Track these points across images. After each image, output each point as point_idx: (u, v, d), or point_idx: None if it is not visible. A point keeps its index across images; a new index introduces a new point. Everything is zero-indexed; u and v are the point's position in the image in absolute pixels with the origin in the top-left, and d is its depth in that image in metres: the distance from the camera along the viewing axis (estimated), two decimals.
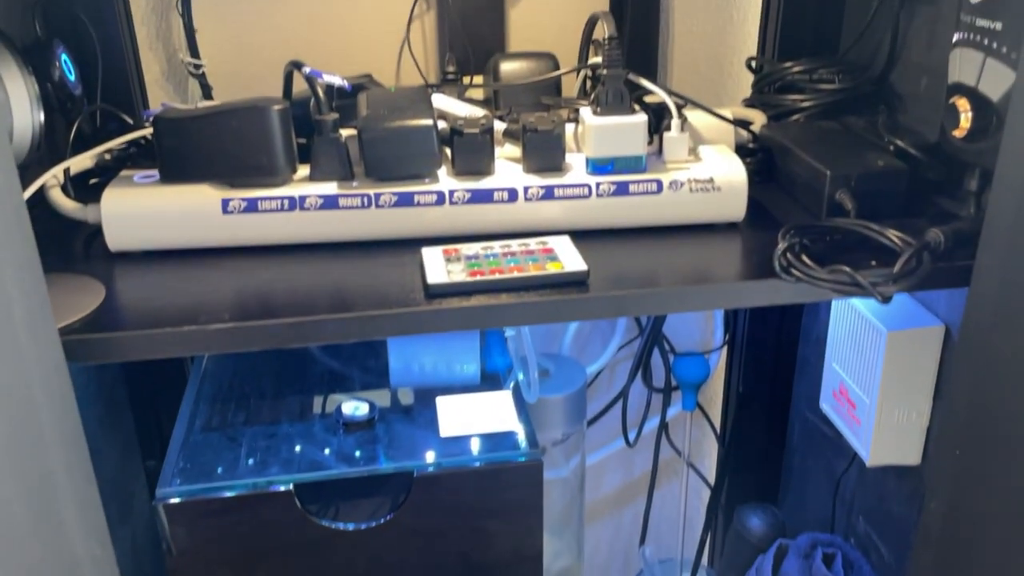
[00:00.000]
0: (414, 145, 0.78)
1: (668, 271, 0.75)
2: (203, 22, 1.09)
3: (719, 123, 0.91)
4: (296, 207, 0.78)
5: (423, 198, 0.79)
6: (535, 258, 0.74)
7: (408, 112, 0.79)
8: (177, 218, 0.77)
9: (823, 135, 0.91)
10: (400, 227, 0.79)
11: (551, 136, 0.80)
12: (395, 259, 0.78)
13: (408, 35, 1.13)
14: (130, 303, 0.71)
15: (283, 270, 0.76)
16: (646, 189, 0.80)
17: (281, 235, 0.79)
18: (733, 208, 0.81)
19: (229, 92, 1.12)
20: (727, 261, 0.77)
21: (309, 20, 1.12)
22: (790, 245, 0.72)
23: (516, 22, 1.16)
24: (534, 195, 0.80)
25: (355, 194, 0.78)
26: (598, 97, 0.81)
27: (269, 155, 0.78)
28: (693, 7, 1.19)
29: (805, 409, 1.24)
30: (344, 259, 0.78)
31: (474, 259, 0.74)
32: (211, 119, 0.77)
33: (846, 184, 0.81)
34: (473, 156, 0.80)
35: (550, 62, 0.94)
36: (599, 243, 0.79)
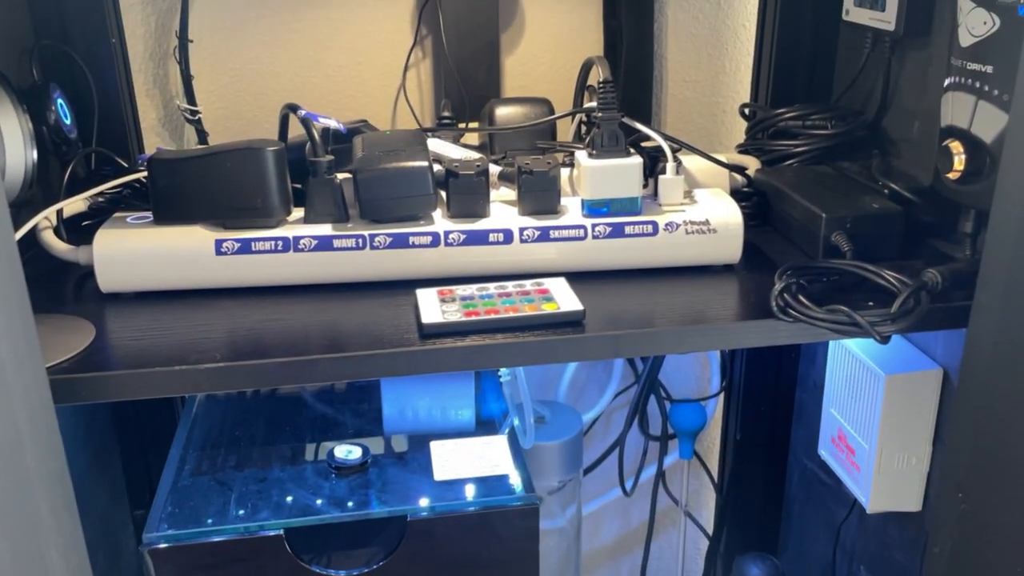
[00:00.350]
0: (409, 187, 0.78)
1: (664, 312, 0.75)
2: (200, 69, 1.09)
3: (714, 168, 0.91)
4: (290, 248, 0.77)
5: (418, 240, 0.78)
6: (530, 299, 0.74)
7: (403, 154, 0.79)
8: (170, 259, 0.77)
9: (817, 179, 0.92)
10: (395, 269, 0.79)
11: (546, 178, 0.80)
12: (390, 300, 0.77)
13: (404, 81, 1.14)
14: (120, 343, 0.70)
15: (276, 311, 0.76)
16: (642, 231, 0.80)
17: (275, 276, 0.78)
18: (729, 250, 0.81)
19: (225, 138, 1.12)
20: (724, 302, 0.76)
21: (306, 66, 1.13)
22: (787, 285, 0.72)
23: (511, 69, 1.17)
24: (529, 237, 0.79)
25: (349, 235, 0.78)
26: (593, 139, 0.81)
27: (263, 196, 0.77)
28: (686, 57, 1.21)
29: (803, 456, 1.23)
30: (338, 300, 0.77)
31: (469, 300, 0.74)
32: (206, 160, 0.77)
33: (841, 226, 0.81)
34: (468, 198, 0.80)
35: (545, 107, 0.95)
36: (595, 284, 0.79)
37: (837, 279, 0.77)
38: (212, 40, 1.10)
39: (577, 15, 1.17)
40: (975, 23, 0.74)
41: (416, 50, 1.13)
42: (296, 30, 1.11)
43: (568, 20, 1.17)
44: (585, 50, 1.18)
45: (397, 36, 1.13)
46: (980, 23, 0.73)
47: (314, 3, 1.10)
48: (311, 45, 1.12)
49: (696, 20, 1.20)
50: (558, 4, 1.16)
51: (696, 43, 1.21)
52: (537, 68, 1.18)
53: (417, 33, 1.12)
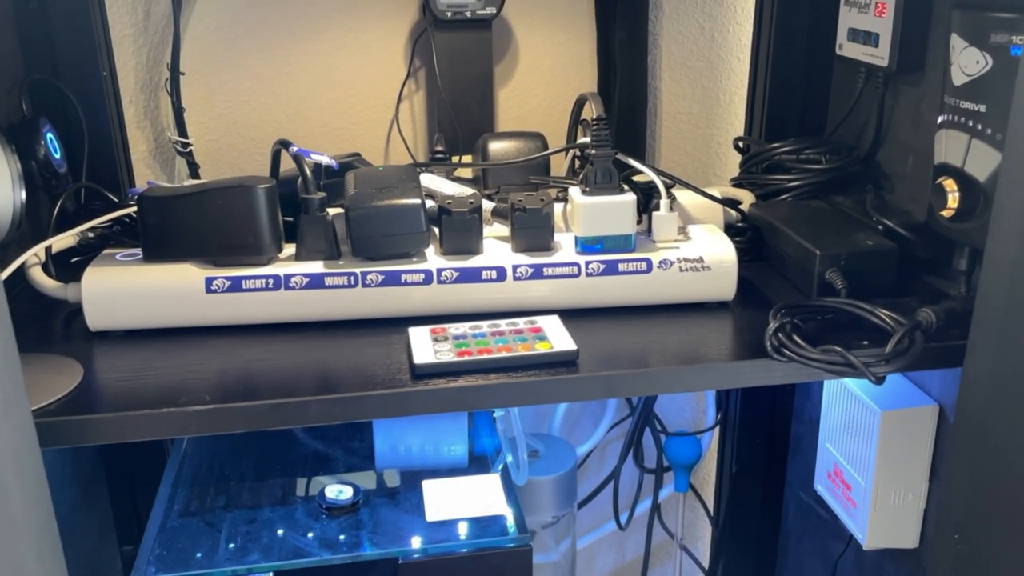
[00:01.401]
0: (402, 224, 0.77)
1: (658, 351, 0.74)
2: (191, 101, 1.09)
3: (708, 202, 0.91)
4: (281, 286, 0.77)
5: (410, 277, 0.78)
6: (523, 338, 0.73)
7: (396, 191, 0.79)
8: (159, 297, 0.76)
9: (812, 215, 0.91)
10: (387, 306, 0.78)
11: (540, 215, 0.80)
12: (381, 338, 0.76)
13: (397, 115, 1.14)
14: (108, 384, 0.69)
15: (267, 349, 0.75)
16: (635, 268, 0.79)
17: (266, 314, 0.77)
18: (723, 287, 0.81)
19: (216, 171, 1.12)
20: (718, 340, 0.76)
21: (298, 99, 1.12)
22: (781, 325, 0.71)
23: (504, 101, 1.17)
24: (523, 274, 0.79)
25: (341, 273, 0.77)
26: (587, 176, 0.80)
27: (254, 234, 0.77)
28: (680, 89, 1.21)
29: (800, 489, 1.22)
30: (329, 338, 0.77)
31: (462, 339, 0.73)
32: (196, 198, 0.76)
33: (836, 263, 0.80)
34: (461, 235, 0.79)
35: (538, 142, 0.94)
36: (588, 322, 0.78)
37: (831, 317, 0.76)
38: (204, 72, 1.09)
39: (571, 47, 1.17)
40: (968, 62, 0.74)
41: (409, 83, 1.13)
42: (289, 63, 1.11)
43: (562, 52, 1.17)
44: (579, 82, 1.18)
45: (390, 69, 1.13)
46: (973, 62, 0.73)
47: (307, 36, 1.10)
48: (304, 78, 1.12)
49: (690, 53, 1.20)
50: (552, 36, 1.16)
51: (690, 76, 1.21)
52: (531, 100, 1.18)
53: (410, 66, 1.12)
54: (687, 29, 1.19)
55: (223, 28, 1.09)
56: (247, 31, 1.09)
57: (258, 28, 1.09)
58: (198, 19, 1.07)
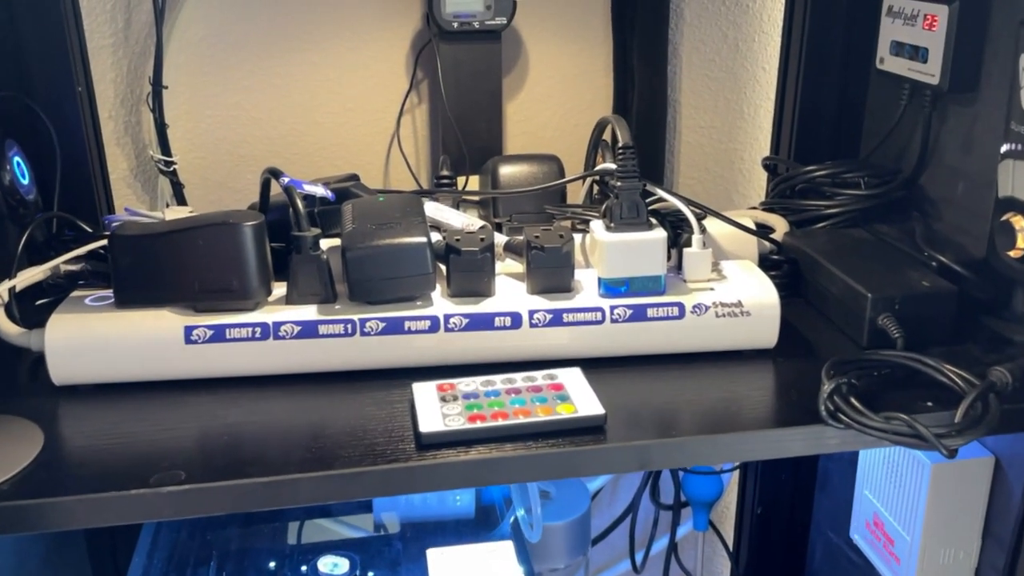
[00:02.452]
0: (405, 265, 0.69)
1: (695, 411, 0.66)
2: (175, 116, 1.01)
3: (740, 232, 0.83)
4: (269, 335, 0.68)
5: (415, 324, 0.69)
6: (543, 398, 0.65)
7: (398, 226, 0.70)
8: (132, 348, 0.68)
9: (855, 247, 0.83)
10: (388, 357, 0.70)
11: (559, 255, 0.71)
12: (382, 394, 0.68)
13: (399, 129, 1.05)
14: (72, 453, 0.61)
15: (254, 409, 0.67)
16: (666, 314, 0.71)
17: (253, 367, 0.69)
18: (764, 335, 0.73)
19: (203, 191, 1.04)
20: (761, 398, 0.68)
21: (291, 114, 1.04)
22: (837, 386, 0.63)
23: (513, 114, 1.08)
24: (540, 320, 0.70)
25: (337, 320, 0.69)
26: (611, 210, 0.72)
27: (240, 276, 0.69)
28: (702, 101, 1.13)
29: (828, 529, 1.14)
30: (324, 394, 0.68)
31: (473, 398, 0.65)
32: (174, 236, 0.68)
33: (889, 308, 0.72)
34: (471, 276, 0.71)
35: (553, 166, 0.86)
36: (613, 374, 0.70)
37: (888, 373, 0.68)
38: (189, 85, 1.01)
39: (585, 57, 1.08)
40: None
41: (412, 97, 1.05)
42: (280, 74, 1.02)
43: (576, 63, 1.08)
44: (594, 94, 1.10)
45: (391, 82, 1.04)
46: None
47: (301, 47, 1.02)
48: (297, 90, 1.03)
49: (712, 63, 1.11)
50: (565, 46, 1.07)
51: (712, 87, 1.12)
52: (541, 114, 1.09)
53: (413, 79, 1.03)
54: (709, 38, 1.10)
55: (210, 38, 1.00)
56: (236, 41, 1.00)
57: (248, 38, 1.00)
58: (183, 28, 0.99)
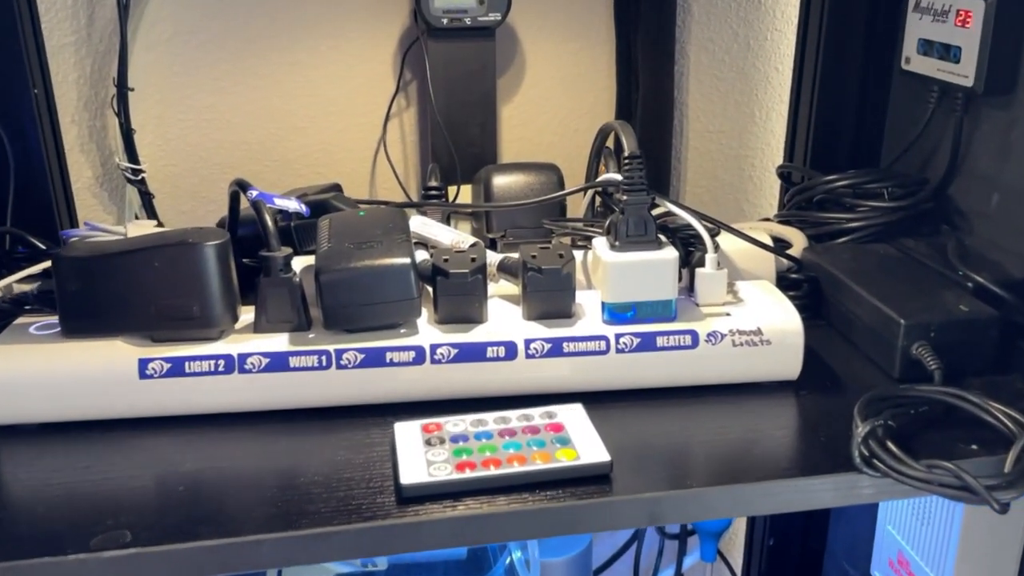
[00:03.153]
0: (386, 290, 0.62)
1: (711, 455, 0.59)
2: (143, 120, 0.93)
3: (755, 248, 0.75)
4: (234, 368, 0.61)
5: (397, 356, 0.62)
6: (540, 441, 0.57)
7: (380, 246, 0.63)
8: (80, 384, 0.60)
9: (882, 265, 0.76)
10: (368, 392, 0.63)
11: (558, 277, 0.64)
12: (360, 434, 0.61)
13: (385, 134, 0.98)
14: (10, 504, 0.54)
15: (216, 452, 0.59)
16: (678, 343, 0.64)
17: (215, 404, 0.62)
18: (786, 366, 0.65)
19: (174, 200, 0.97)
20: (785, 438, 0.60)
21: (269, 117, 0.97)
22: (872, 429, 0.56)
23: (509, 118, 1.01)
24: (537, 351, 0.63)
25: (310, 351, 0.62)
26: (616, 226, 0.65)
27: (202, 302, 0.61)
28: (710, 104, 1.05)
29: (844, 560, 1.07)
30: (296, 434, 0.61)
31: (462, 441, 0.58)
32: (127, 258, 0.61)
33: (924, 335, 0.65)
34: (461, 301, 0.64)
35: (552, 175, 0.79)
36: (619, 410, 0.63)
37: (926, 411, 0.61)
38: (159, 87, 0.94)
39: (586, 57, 1.01)
40: None
41: (399, 99, 0.97)
42: (257, 75, 0.95)
43: (576, 63, 1.01)
44: (595, 96, 1.03)
45: (377, 81, 0.97)
46: None
47: (278, 44, 0.94)
48: (275, 92, 0.96)
49: (722, 63, 1.04)
50: (564, 44, 1.00)
51: (722, 88, 1.05)
52: (540, 118, 1.02)
53: (400, 78, 0.96)
54: (719, 36, 1.03)
55: (180, 36, 0.93)
56: (209, 39, 0.93)
57: (221, 35, 0.93)
58: (150, 25, 0.91)
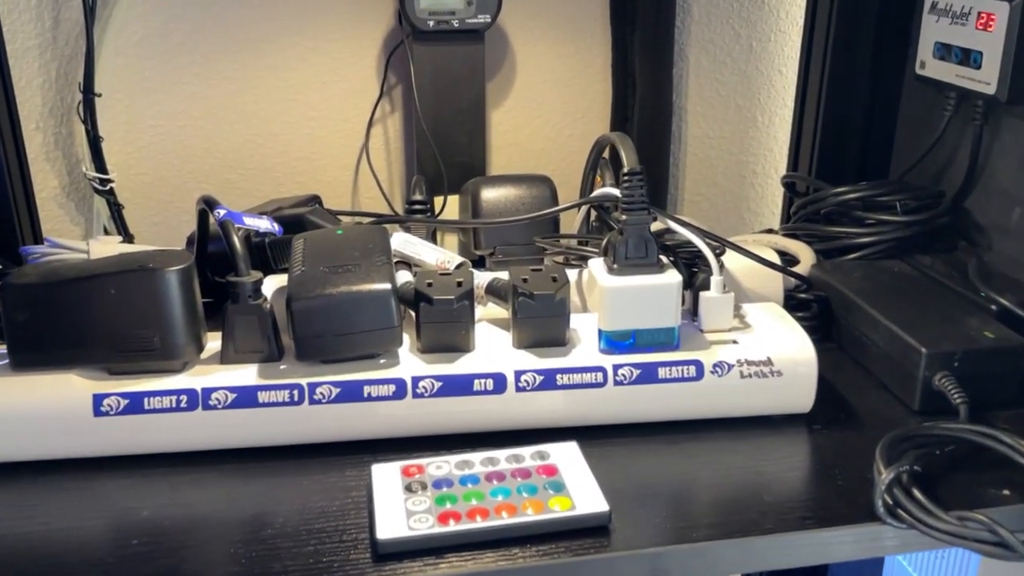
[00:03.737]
0: (365, 318, 0.57)
1: (716, 498, 0.54)
2: (112, 127, 0.88)
3: (761, 266, 0.71)
4: (198, 404, 0.56)
5: (376, 389, 0.57)
6: (532, 487, 0.52)
7: (357, 270, 0.58)
8: (29, 421, 0.55)
9: (897, 285, 0.71)
10: (344, 429, 0.58)
11: (551, 303, 0.59)
12: (336, 476, 0.56)
13: (367, 144, 0.93)
14: None
15: (176, 498, 0.54)
16: (681, 374, 0.59)
17: (177, 443, 0.57)
18: (798, 398, 0.60)
19: (145, 211, 0.92)
20: (798, 481, 0.56)
21: (245, 124, 0.91)
22: (896, 476, 0.51)
23: (499, 125, 0.96)
24: (528, 383, 0.58)
25: (281, 385, 0.56)
26: (614, 247, 0.60)
27: (163, 332, 0.56)
28: (711, 109, 1.01)
29: None
30: (264, 476, 0.56)
31: (446, 486, 0.53)
32: (80, 285, 0.55)
33: (947, 365, 0.60)
34: (445, 329, 0.59)
35: (545, 189, 0.74)
36: (617, 447, 0.58)
37: (953, 450, 0.56)
38: (128, 92, 0.88)
39: (581, 59, 0.96)
40: None
41: (383, 104, 0.92)
42: (233, 79, 0.90)
43: (570, 66, 0.96)
44: (590, 101, 0.98)
45: (360, 86, 0.92)
46: None
47: (255, 46, 0.89)
48: (251, 97, 0.91)
49: (723, 65, 0.99)
50: (557, 47, 0.95)
51: (722, 92, 1.00)
52: (531, 124, 0.97)
53: (384, 83, 0.91)
54: (720, 37, 0.98)
55: (150, 38, 0.87)
56: (181, 42, 0.88)
57: (193, 38, 0.88)
58: (119, 28, 0.86)
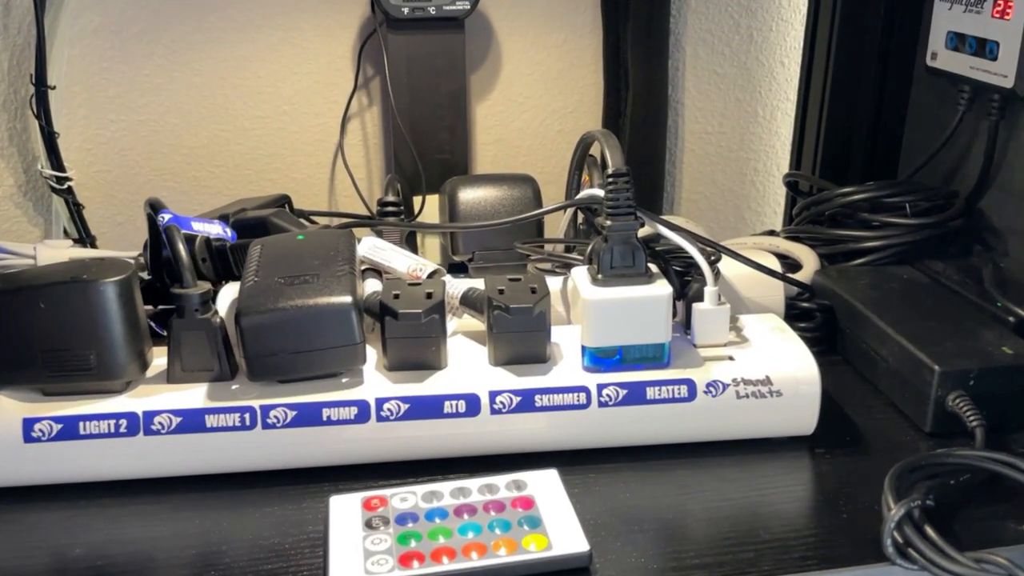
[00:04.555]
0: (323, 335, 0.51)
1: (710, 533, 0.49)
2: (70, 122, 0.83)
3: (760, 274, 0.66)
4: (139, 429, 0.51)
5: (336, 412, 0.52)
6: (505, 522, 0.47)
7: (316, 281, 0.53)
8: None
9: (907, 294, 0.66)
10: (301, 456, 0.53)
11: (529, 317, 0.54)
12: (291, 507, 0.51)
13: (342, 140, 0.88)
14: None
15: (114, 533, 0.49)
16: (671, 394, 0.54)
17: (116, 471, 0.52)
18: (799, 420, 0.55)
19: (108, 210, 0.87)
20: (799, 514, 0.50)
21: (213, 119, 0.86)
22: (907, 513, 0.46)
23: (483, 121, 0.91)
24: (504, 405, 0.53)
25: (230, 408, 0.51)
26: (599, 256, 0.55)
27: (100, 350, 0.51)
28: (709, 102, 0.95)
29: None
30: (213, 507, 0.51)
31: (411, 521, 0.47)
32: (7, 299, 0.50)
33: (962, 384, 0.55)
34: (413, 345, 0.54)
35: (527, 189, 0.69)
36: (601, 472, 0.53)
37: (968, 479, 0.51)
38: (86, 85, 0.83)
39: (571, 50, 0.91)
40: None
41: (359, 96, 0.87)
42: (199, 70, 0.84)
43: (558, 57, 0.91)
44: (580, 95, 0.92)
45: (335, 78, 0.87)
46: None
47: (222, 36, 0.84)
48: (218, 90, 0.85)
49: (722, 56, 0.94)
50: (545, 36, 0.90)
51: (721, 85, 0.95)
52: (518, 119, 0.92)
53: (358, 74, 0.86)
54: (718, 27, 0.93)
55: (108, 27, 0.82)
56: (143, 30, 0.83)
57: (155, 26, 0.83)
58: (74, 15, 0.81)
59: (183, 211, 0.71)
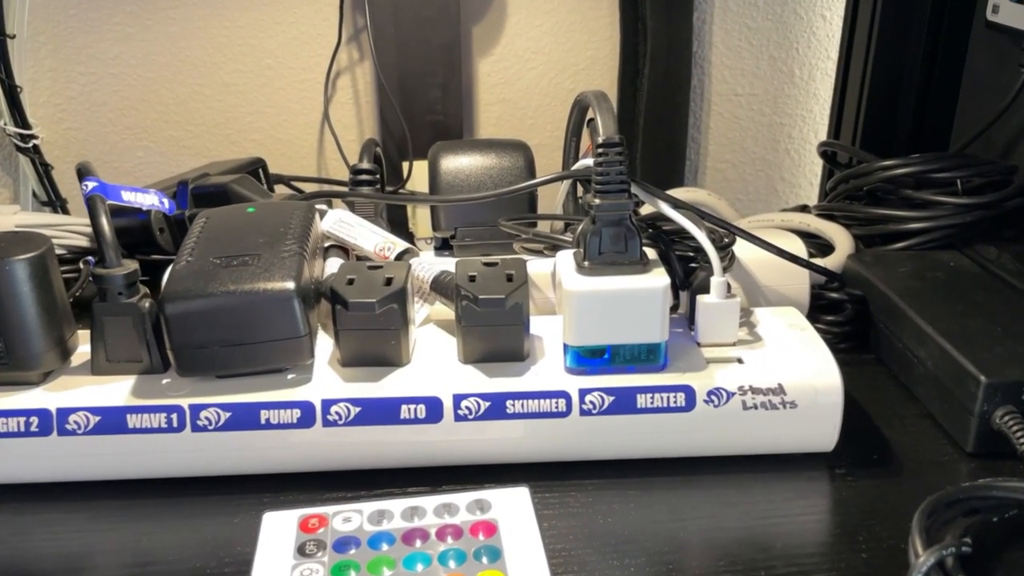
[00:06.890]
0: (260, 326, 0.45)
1: (701, 566, 0.41)
2: (35, 75, 0.77)
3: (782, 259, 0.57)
4: (52, 429, 0.45)
5: (276, 415, 0.45)
6: (460, 553, 0.40)
7: (256, 262, 0.46)
8: None
9: (955, 286, 0.57)
10: (236, 463, 0.46)
11: (502, 311, 0.46)
12: (223, 519, 0.45)
13: (328, 95, 0.80)
14: None
15: (18, 544, 0.43)
16: (666, 403, 0.46)
17: (24, 473, 0.46)
18: (817, 436, 0.47)
19: None
20: (811, 548, 0.43)
21: (190, 72, 0.79)
22: (940, 560, 0.38)
23: (486, 79, 0.83)
24: (470, 410, 0.46)
25: (156, 407, 0.45)
26: (586, 240, 0.47)
27: (10, 337, 0.45)
28: (739, 61, 0.86)
29: None
30: (133, 517, 0.45)
31: (353, 547, 0.41)
32: None
33: (1013, 398, 0.47)
34: (369, 338, 0.47)
35: (518, 157, 0.61)
36: (581, 491, 0.46)
37: (1015, 515, 0.43)
38: (53, 35, 0.77)
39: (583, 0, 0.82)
40: None
41: (348, 49, 0.79)
42: (174, 19, 0.77)
43: (570, 7, 0.82)
44: (595, 50, 0.84)
45: (322, 28, 0.79)
46: None
47: None
48: (196, 41, 0.78)
49: (755, 8, 0.84)
50: None
51: (754, 41, 0.86)
52: (525, 76, 0.83)
53: (341, 26, 0.78)
54: None
55: None
56: None
57: None
58: None
59: (161, 174, 0.65)
